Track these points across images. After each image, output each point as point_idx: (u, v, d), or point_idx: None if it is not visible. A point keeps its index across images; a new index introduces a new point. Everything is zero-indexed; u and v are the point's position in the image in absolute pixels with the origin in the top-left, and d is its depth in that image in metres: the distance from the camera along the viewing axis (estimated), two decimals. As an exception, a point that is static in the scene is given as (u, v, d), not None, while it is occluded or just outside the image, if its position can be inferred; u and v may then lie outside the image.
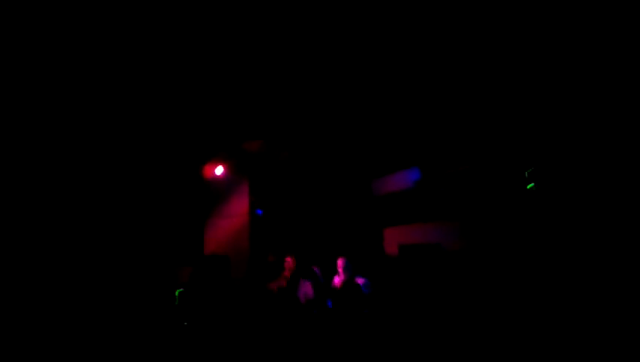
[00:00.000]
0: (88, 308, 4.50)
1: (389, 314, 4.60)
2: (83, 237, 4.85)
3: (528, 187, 4.73)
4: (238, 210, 6.21)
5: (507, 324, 4.32)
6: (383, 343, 4.17)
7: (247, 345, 4.11)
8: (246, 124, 5.26)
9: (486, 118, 4.85)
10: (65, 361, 3.90)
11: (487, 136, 5.09)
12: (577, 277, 4.21)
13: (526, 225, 4.80)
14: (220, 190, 6.38)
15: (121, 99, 4.50)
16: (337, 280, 4.91)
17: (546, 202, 4.66)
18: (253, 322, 4.43)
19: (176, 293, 4.69)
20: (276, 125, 5.28)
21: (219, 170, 6.17)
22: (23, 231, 4.29)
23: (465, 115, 4.88)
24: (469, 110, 4.78)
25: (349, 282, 4.69)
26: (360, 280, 4.71)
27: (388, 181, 5.94)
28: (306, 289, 4.83)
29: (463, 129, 5.10)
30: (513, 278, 4.64)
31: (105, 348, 4.13)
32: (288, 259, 5.05)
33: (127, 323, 4.55)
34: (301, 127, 5.32)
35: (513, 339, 4.14)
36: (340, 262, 4.86)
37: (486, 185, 5.28)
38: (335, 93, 4.56)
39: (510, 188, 5.04)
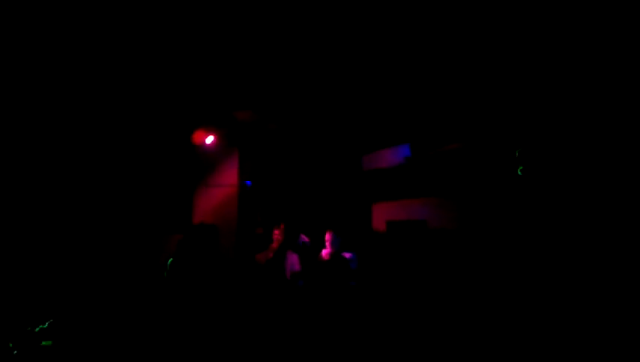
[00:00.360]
0: (76, 279, 4.53)
1: (375, 289, 4.70)
2: (71, 207, 4.82)
3: (519, 170, 4.75)
4: (227, 179, 6.17)
5: (491, 299, 4.45)
6: (367, 316, 4.28)
7: (232, 316, 4.20)
8: (235, 92, 5.15)
9: (478, 96, 4.80)
10: (50, 333, 3.95)
11: (478, 114, 5.06)
12: (564, 254, 4.31)
13: (515, 204, 4.86)
14: (211, 158, 6.29)
15: (109, 66, 4.36)
16: (324, 253, 4.96)
17: (536, 182, 4.70)
18: (240, 293, 4.51)
19: (168, 262, 4.69)
20: (266, 96, 5.18)
21: (209, 139, 6.07)
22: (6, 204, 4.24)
23: (457, 93, 4.82)
24: (461, 88, 4.72)
25: (336, 255, 4.75)
26: (347, 255, 4.77)
27: (378, 156, 5.92)
28: (293, 261, 4.89)
29: (455, 107, 5.05)
30: (500, 257, 4.74)
31: (93, 319, 4.19)
32: (276, 231, 5.08)
33: (115, 292, 4.60)
34: (291, 99, 5.22)
35: (497, 312, 4.28)
36: (327, 236, 4.90)
37: (476, 163, 5.29)
38: (327, 67, 4.45)
39: (500, 166, 5.06)
